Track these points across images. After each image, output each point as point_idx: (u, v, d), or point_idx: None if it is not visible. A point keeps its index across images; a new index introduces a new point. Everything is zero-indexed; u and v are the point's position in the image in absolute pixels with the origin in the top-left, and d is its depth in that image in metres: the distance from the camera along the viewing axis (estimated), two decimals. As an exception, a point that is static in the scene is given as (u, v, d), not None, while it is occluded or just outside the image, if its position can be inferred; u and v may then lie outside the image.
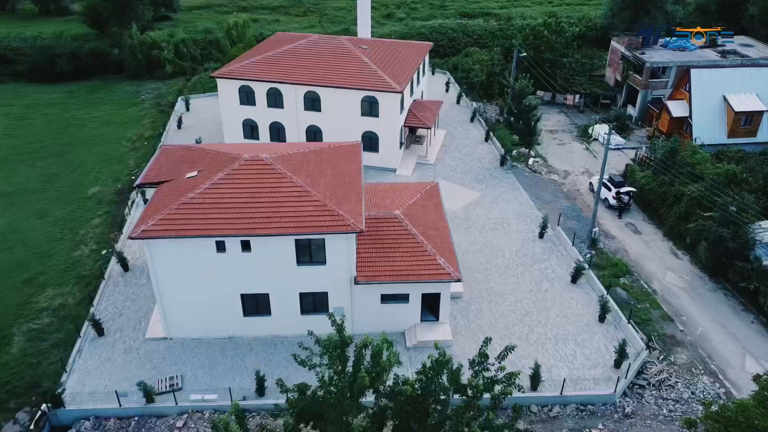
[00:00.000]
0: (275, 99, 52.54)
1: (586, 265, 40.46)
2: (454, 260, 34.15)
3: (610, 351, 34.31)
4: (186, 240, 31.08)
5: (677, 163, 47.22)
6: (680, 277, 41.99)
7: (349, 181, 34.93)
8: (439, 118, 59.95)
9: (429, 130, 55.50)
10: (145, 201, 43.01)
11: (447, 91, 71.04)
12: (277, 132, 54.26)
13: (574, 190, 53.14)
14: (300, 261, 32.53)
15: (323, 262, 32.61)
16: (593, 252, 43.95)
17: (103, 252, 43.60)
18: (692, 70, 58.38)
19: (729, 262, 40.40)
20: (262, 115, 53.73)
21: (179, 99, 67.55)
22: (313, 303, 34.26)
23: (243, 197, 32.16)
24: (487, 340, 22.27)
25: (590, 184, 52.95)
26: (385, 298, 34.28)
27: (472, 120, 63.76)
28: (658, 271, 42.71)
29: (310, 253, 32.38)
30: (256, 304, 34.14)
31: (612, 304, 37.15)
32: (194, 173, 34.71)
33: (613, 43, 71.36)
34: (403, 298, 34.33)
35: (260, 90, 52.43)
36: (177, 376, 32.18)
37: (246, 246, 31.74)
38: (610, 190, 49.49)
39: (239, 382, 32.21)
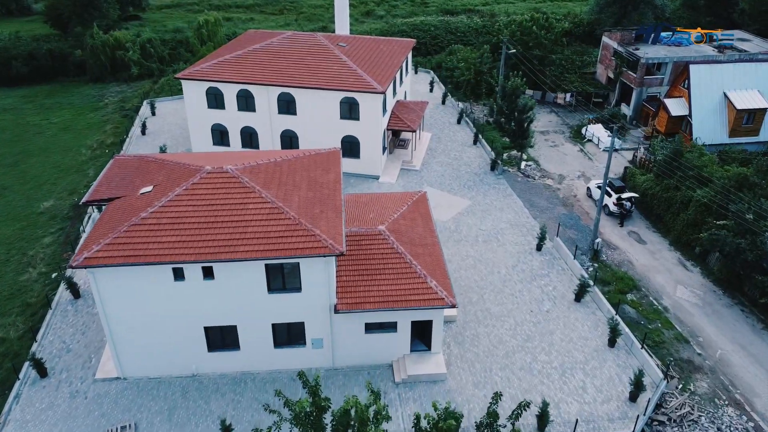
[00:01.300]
0: (246, 102, 48.14)
1: (591, 282, 36.62)
2: (448, 282, 30.14)
3: (623, 381, 30.53)
4: (138, 267, 26.76)
5: (682, 166, 43.67)
6: (692, 292, 38.39)
7: (327, 194, 30.83)
8: (424, 120, 55.97)
9: (414, 133, 51.54)
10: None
11: (431, 90, 67.12)
12: (249, 137, 49.88)
13: (571, 195, 49.43)
14: (271, 288, 28.38)
15: (298, 288, 28.49)
16: (596, 265, 40.28)
17: (53, 275, 38.98)
18: (691, 66, 54.97)
19: (746, 275, 36.91)
20: (233, 119, 49.27)
21: (144, 103, 62.76)
22: (288, 335, 30.09)
23: (204, 216, 27.94)
24: (497, 396, 18.30)
25: (588, 189, 49.28)
26: (370, 328, 30.15)
27: (459, 121, 59.88)
28: (667, 285, 39.07)
29: (282, 278, 28.25)
30: (222, 338, 29.86)
31: (623, 326, 33.35)
32: (149, 188, 30.33)
33: (605, 38, 67.89)
34: (391, 326, 30.22)
35: (230, 92, 47.98)
36: (130, 426, 27.73)
37: (208, 273, 27.55)
38: (610, 195, 45.79)
39: (203, 430, 27.87)
